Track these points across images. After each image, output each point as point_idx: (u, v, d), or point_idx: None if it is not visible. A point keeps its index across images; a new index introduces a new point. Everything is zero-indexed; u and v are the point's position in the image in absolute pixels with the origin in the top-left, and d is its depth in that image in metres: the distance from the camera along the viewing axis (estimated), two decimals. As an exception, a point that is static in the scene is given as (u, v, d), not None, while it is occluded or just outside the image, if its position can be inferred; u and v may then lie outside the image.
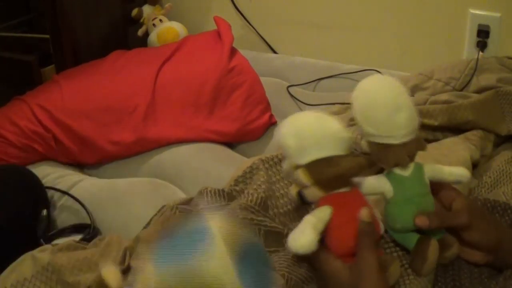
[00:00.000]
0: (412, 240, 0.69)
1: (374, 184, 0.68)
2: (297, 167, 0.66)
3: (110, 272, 0.64)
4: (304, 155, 0.65)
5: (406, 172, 0.68)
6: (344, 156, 0.66)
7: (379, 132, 0.66)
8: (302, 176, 0.65)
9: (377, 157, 0.68)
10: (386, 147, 0.67)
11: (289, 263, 0.72)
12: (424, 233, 0.68)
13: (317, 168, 0.65)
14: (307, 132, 0.66)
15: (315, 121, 0.68)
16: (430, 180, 0.70)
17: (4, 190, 1.00)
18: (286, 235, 0.76)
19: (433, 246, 0.66)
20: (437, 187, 0.70)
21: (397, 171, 0.68)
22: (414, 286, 0.69)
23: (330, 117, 0.69)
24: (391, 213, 0.69)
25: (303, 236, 0.62)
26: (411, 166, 0.68)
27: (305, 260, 0.73)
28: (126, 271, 0.76)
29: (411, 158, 0.68)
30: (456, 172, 0.71)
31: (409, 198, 0.68)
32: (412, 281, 0.69)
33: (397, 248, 0.72)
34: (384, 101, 0.67)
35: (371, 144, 0.68)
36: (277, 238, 0.77)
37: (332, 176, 0.64)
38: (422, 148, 0.68)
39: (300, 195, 0.67)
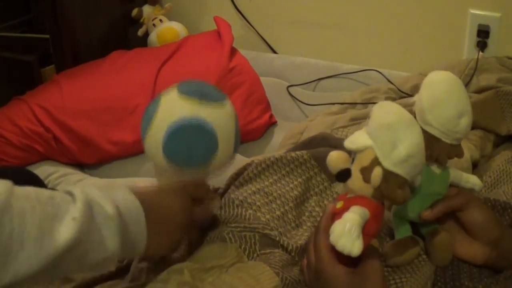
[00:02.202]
0: (404, 231, 0.72)
1: None
2: (377, 163, 0.62)
3: None
4: (399, 166, 0.61)
5: (437, 170, 0.71)
6: (408, 183, 0.64)
7: (438, 125, 0.69)
8: (375, 176, 0.61)
9: None
10: (435, 140, 0.69)
11: (283, 263, 0.72)
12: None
13: (392, 181, 0.62)
14: (415, 150, 0.62)
15: (422, 143, 0.63)
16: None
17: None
18: (281, 241, 0.76)
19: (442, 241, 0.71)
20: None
21: (431, 166, 0.71)
22: (411, 284, 0.69)
23: None
24: (410, 202, 0.71)
25: (359, 243, 0.59)
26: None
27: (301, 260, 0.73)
28: None
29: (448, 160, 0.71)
30: (472, 180, 0.75)
31: (431, 194, 0.71)
32: (409, 279, 0.69)
33: None
34: (457, 101, 0.69)
35: (422, 131, 0.69)
36: (272, 242, 0.77)
37: (397, 197, 0.62)
38: (460, 155, 0.71)
39: (342, 174, 0.64)
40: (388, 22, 1.63)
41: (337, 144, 0.97)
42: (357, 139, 0.64)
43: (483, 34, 1.51)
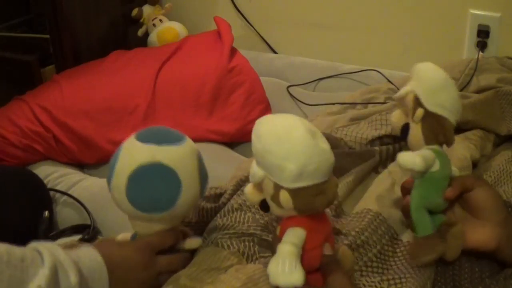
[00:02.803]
0: (428, 227, 0.70)
1: (429, 158, 0.69)
2: (279, 187, 0.59)
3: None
4: (300, 180, 0.58)
5: (444, 152, 0.72)
6: (329, 181, 0.61)
7: (449, 105, 0.70)
8: (284, 200, 0.59)
9: (432, 128, 0.70)
10: (444, 122, 0.70)
11: None
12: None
13: (304, 195, 0.59)
14: (304, 158, 0.58)
15: (310, 144, 0.59)
16: None
17: (6, 191, 1.00)
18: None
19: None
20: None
21: (440, 148, 0.71)
22: (411, 284, 0.69)
23: (320, 133, 0.62)
24: (430, 189, 0.71)
25: (297, 273, 0.58)
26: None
27: None
28: None
29: None
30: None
31: (447, 175, 0.71)
32: (408, 279, 0.69)
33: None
34: (453, 82, 0.72)
35: (430, 114, 0.70)
36: (270, 245, 0.77)
37: (320, 205, 0.60)
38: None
39: (264, 205, 0.63)
40: (388, 22, 1.63)
41: (337, 144, 0.97)
42: (254, 172, 0.62)
43: (483, 34, 1.50)
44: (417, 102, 0.71)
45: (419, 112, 0.71)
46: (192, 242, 0.80)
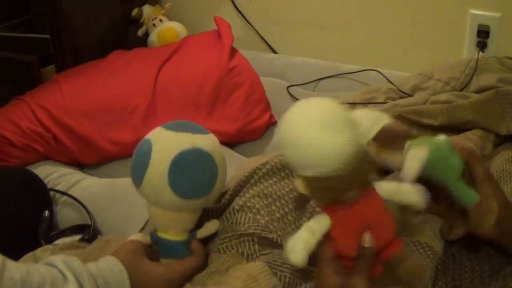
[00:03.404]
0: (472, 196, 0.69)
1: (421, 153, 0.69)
2: (297, 174, 0.64)
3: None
4: (300, 169, 0.61)
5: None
6: (341, 177, 0.59)
7: (374, 115, 0.72)
8: (299, 186, 0.63)
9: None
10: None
11: (284, 261, 0.72)
12: None
13: (314, 184, 0.61)
14: (304, 149, 0.59)
15: (316, 132, 0.58)
16: None
17: (7, 191, 1.00)
18: (279, 242, 0.76)
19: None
20: None
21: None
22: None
23: (343, 121, 0.59)
24: (443, 158, 0.70)
25: (294, 255, 0.61)
26: None
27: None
28: None
29: None
30: None
31: (437, 140, 0.71)
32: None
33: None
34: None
35: (384, 131, 0.72)
36: (270, 243, 0.77)
37: (327, 198, 0.62)
38: None
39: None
40: (388, 22, 1.63)
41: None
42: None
43: (483, 34, 1.51)
44: (379, 143, 0.73)
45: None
46: (209, 227, 0.80)
